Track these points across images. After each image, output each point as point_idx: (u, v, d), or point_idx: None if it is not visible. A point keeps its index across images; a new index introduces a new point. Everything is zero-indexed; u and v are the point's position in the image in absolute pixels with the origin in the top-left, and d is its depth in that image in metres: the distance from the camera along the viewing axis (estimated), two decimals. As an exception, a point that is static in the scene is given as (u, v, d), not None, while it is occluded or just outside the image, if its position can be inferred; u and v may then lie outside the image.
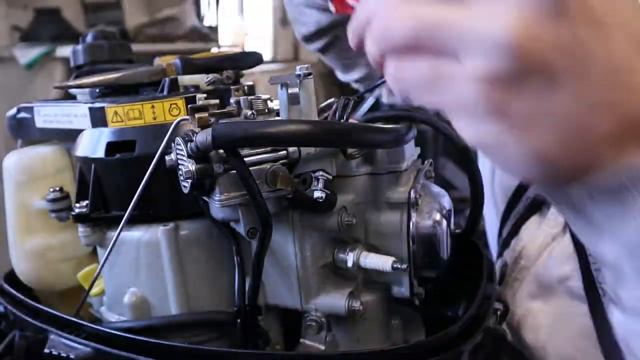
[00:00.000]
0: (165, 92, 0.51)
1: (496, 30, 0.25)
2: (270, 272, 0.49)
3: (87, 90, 0.56)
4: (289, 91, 0.46)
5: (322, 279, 0.48)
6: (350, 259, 0.47)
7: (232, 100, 0.48)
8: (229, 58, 0.57)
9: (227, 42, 3.19)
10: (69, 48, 0.75)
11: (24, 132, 0.60)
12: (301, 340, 0.50)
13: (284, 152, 0.43)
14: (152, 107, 0.47)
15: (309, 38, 0.86)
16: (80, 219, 0.50)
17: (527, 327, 0.59)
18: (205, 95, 0.46)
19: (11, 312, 0.52)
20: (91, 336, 0.45)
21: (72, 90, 0.57)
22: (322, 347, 0.49)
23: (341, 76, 0.95)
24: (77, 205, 0.50)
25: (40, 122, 0.57)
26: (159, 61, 0.58)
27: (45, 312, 0.49)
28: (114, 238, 0.47)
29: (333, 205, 0.45)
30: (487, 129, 0.27)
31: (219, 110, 0.44)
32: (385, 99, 0.91)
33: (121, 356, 0.43)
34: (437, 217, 0.47)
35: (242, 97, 0.43)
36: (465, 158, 0.49)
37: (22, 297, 0.53)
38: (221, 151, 0.40)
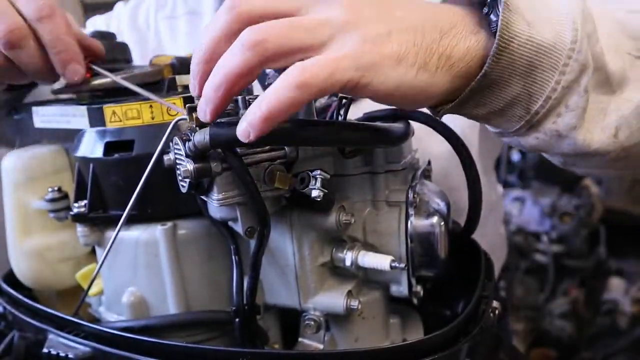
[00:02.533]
0: (163, 92, 0.51)
1: None
2: (268, 271, 0.49)
3: (85, 90, 0.56)
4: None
5: (321, 278, 0.48)
6: (348, 257, 0.47)
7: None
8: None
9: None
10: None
11: (22, 132, 0.60)
12: (300, 339, 0.50)
13: (282, 151, 0.43)
14: (150, 106, 0.47)
15: None
16: (78, 218, 0.50)
17: None
18: (203, 94, 0.46)
19: (10, 312, 0.52)
20: (90, 336, 0.45)
21: (70, 90, 0.57)
22: (321, 346, 0.49)
23: None
24: (76, 205, 0.50)
25: (38, 122, 0.57)
26: (156, 61, 0.58)
27: (44, 312, 0.49)
28: (112, 238, 0.47)
29: (331, 204, 0.45)
30: None
31: (216, 110, 0.44)
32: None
33: (120, 355, 0.43)
34: (435, 216, 0.47)
35: (239, 96, 0.43)
36: (461, 155, 0.49)
37: (21, 297, 0.53)
38: (219, 150, 0.40)
